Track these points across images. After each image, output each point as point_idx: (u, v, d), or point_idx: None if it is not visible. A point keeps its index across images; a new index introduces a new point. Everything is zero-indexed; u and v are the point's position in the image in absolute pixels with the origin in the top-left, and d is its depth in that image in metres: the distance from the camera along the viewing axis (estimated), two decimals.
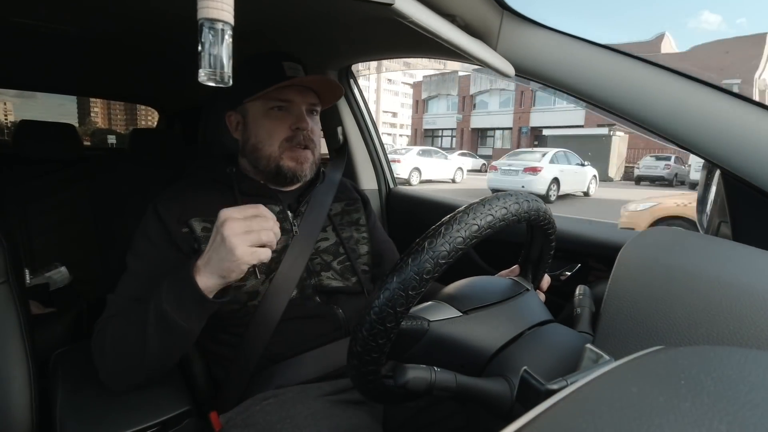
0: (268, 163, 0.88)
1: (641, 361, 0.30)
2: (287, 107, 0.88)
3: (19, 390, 0.80)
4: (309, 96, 0.91)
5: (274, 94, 0.86)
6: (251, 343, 0.82)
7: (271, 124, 0.88)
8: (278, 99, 0.87)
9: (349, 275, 0.94)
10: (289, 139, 0.88)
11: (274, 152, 0.88)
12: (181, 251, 0.81)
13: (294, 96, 0.88)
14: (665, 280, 0.51)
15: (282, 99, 0.87)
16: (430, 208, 1.53)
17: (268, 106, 0.87)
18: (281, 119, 0.88)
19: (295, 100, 0.88)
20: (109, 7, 1.05)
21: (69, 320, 1.49)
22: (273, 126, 0.87)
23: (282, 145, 0.88)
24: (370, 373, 0.50)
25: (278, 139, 0.87)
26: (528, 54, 0.83)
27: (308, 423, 0.73)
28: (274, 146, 0.88)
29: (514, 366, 0.49)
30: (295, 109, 0.88)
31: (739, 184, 0.69)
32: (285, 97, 0.87)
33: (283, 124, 0.88)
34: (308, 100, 0.90)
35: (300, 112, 0.89)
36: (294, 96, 0.88)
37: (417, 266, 0.44)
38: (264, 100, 0.87)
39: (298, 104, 0.89)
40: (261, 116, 0.88)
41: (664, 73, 0.73)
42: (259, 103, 0.88)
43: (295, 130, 0.88)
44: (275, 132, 0.87)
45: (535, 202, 0.53)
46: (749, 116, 0.67)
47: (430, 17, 0.68)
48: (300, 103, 0.89)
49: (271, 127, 0.87)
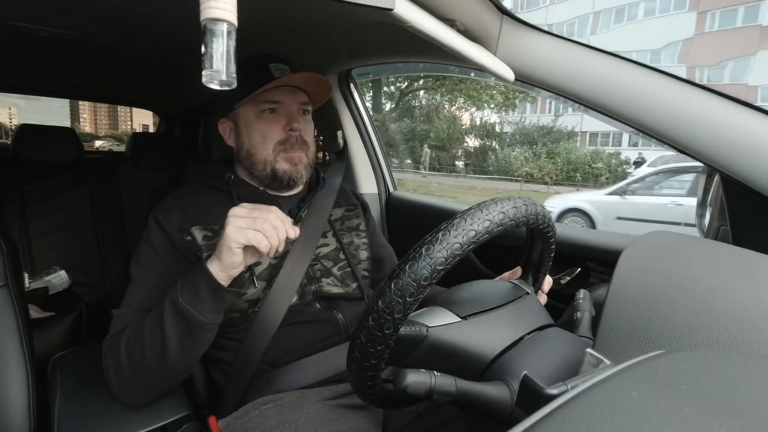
0: (264, 168, 0.88)
1: (641, 366, 0.30)
2: (278, 109, 0.88)
3: (17, 394, 0.79)
4: (299, 95, 0.91)
5: (264, 96, 0.86)
6: (250, 348, 0.82)
7: (263, 126, 0.87)
8: (268, 101, 0.87)
9: (349, 281, 0.94)
10: (282, 141, 0.88)
11: (269, 156, 0.88)
12: (185, 258, 0.81)
13: (284, 96, 0.88)
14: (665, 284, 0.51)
15: (272, 101, 0.87)
16: (429, 212, 1.53)
17: (259, 109, 0.87)
18: (273, 121, 0.88)
19: (285, 101, 0.88)
20: (110, 11, 1.05)
21: (68, 324, 1.48)
22: (265, 128, 0.87)
23: (276, 148, 0.88)
24: (370, 378, 0.50)
25: (272, 141, 0.87)
26: (527, 59, 0.83)
27: (307, 428, 0.72)
28: (268, 149, 0.88)
29: (514, 370, 0.49)
30: (286, 109, 0.89)
31: (739, 188, 0.69)
32: (275, 98, 0.87)
33: (276, 125, 0.88)
34: (298, 99, 0.90)
35: (291, 112, 0.89)
36: (284, 96, 0.88)
37: (414, 273, 0.44)
38: (254, 103, 0.87)
39: (289, 104, 0.89)
40: (253, 120, 0.88)
41: (664, 78, 0.73)
42: (249, 107, 0.88)
43: (288, 132, 0.88)
44: (268, 134, 0.87)
45: (533, 206, 0.53)
46: (749, 120, 0.67)
47: (430, 22, 0.68)
48: (290, 103, 0.89)
49: (263, 130, 0.87)
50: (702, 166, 0.77)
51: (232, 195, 0.88)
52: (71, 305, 1.55)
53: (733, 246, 0.65)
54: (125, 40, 1.31)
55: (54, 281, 1.62)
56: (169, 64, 1.62)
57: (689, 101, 0.71)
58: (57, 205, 1.79)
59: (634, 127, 0.76)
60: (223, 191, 0.90)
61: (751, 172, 0.67)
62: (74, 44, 1.34)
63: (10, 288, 0.82)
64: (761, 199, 0.67)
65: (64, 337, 1.45)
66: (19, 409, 0.79)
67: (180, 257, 0.80)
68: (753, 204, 0.68)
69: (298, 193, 0.97)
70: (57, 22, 1.15)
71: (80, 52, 1.47)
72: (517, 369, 0.48)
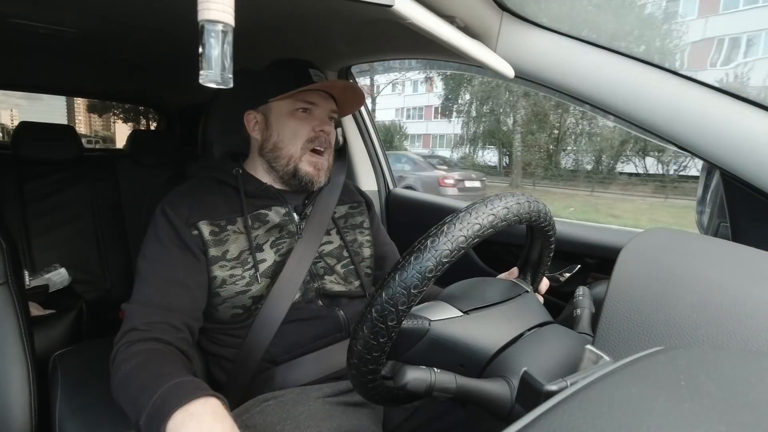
0: (287, 163, 0.90)
1: (641, 362, 0.30)
2: (312, 110, 0.91)
3: (18, 391, 0.80)
4: (331, 103, 0.94)
5: (301, 95, 0.89)
6: (252, 345, 0.82)
7: (295, 123, 0.90)
8: (304, 101, 0.90)
9: (352, 279, 0.94)
10: (311, 140, 0.90)
11: (296, 152, 0.90)
12: (191, 252, 0.81)
13: (319, 100, 0.91)
14: (665, 281, 0.51)
15: (308, 101, 0.90)
16: (429, 209, 1.54)
17: (294, 106, 0.90)
18: (305, 120, 0.90)
19: (320, 104, 0.92)
20: (108, 8, 1.05)
21: (68, 322, 1.49)
22: (297, 125, 0.90)
23: (304, 146, 0.90)
24: (370, 372, 0.50)
25: (301, 139, 0.90)
26: (528, 55, 0.83)
27: (308, 424, 0.73)
28: (297, 146, 0.90)
29: (514, 367, 0.49)
30: (318, 112, 0.92)
31: (739, 184, 0.69)
32: (311, 99, 0.90)
33: (307, 125, 0.90)
34: (330, 106, 0.94)
35: (323, 115, 0.92)
36: (319, 100, 0.91)
37: (419, 265, 0.44)
38: (290, 100, 0.89)
39: (322, 108, 0.92)
40: (286, 115, 0.90)
41: (664, 74, 0.73)
42: (285, 103, 0.90)
43: (318, 132, 0.90)
44: (299, 131, 0.90)
45: (536, 203, 0.53)
46: (748, 117, 0.67)
47: (430, 18, 0.68)
48: (323, 108, 0.92)
49: (295, 127, 0.90)
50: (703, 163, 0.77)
51: (240, 190, 0.88)
52: (71, 303, 1.56)
53: (732, 243, 0.65)
54: (124, 37, 1.31)
55: (54, 279, 1.63)
56: (169, 61, 1.61)
57: (689, 98, 0.71)
58: (57, 203, 1.79)
59: (634, 124, 0.76)
60: (230, 186, 0.90)
61: (751, 169, 0.67)
62: (72, 41, 1.33)
63: (11, 286, 0.83)
64: (761, 196, 0.67)
65: (64, 335, 1.46)
66: (21, 406, 0.79)
67: (186, 251, 0.80)
68: (753, 201, 0.68)
69: None
70: (55, 19, 1.14)
71: (78, 49, 1.47)
72: (517, 365, 0.48)
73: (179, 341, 0.74)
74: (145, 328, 0.72)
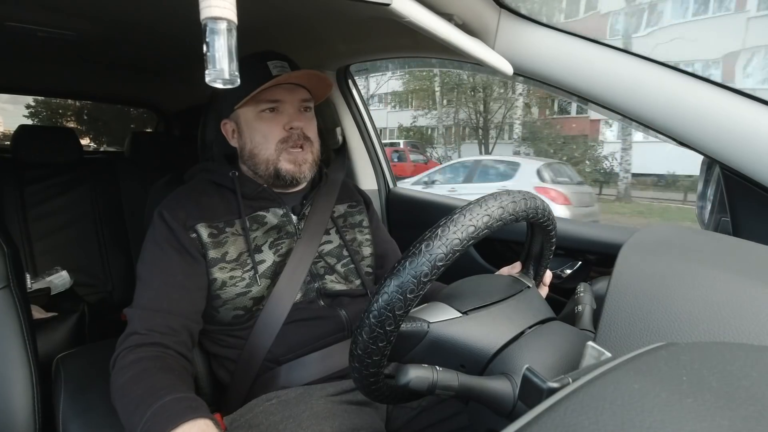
0: (267, 167, 0.88)
1: (643, 358, 0.30)
2: (278, 107, 0.87)
3: (22, 394, 0.80)
4: (299, 93, 0.89)
5: (263, 95, 0.84)
6: (254, 345, 0.82)
7: (264, 126, 0.86)
8: (268, 100, 0.86)
9: (352, 278, 0.94)
10: (284, 140, 0.87)
11: (272, 155, 0.87)
12: (190, 255, 0.81)
13: (284, 95, 0.86)
14: (666, 276, 0.51)
15: (272, 100, 0.86)
16: (430, 208, 1.53)
17: (259, 108, 0.86)
18: (274, 120, 0.87)
19: (286, 99, 0.87)
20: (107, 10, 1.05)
21: (71, 324, 1.49)
22: (266, 128, 0.86)
23: (278, 147, 0.87)
24: (372, 374, 0.50)
25: (273, 141, 0.86)
26: (526, 52, 0.83)
27: (311, 423, 0.73)
28: (270, 149, 0.87)
29: (516, 364, 0.49)
30: (286, 108, 0.87)
31: (739, 179, 0.69)
32: (274, 97, 0.86)
33: (277, 125, 0.86)
34: (299, 96, 0.89)
35: (292, 110, 0.88)
36: (284, 95, 0.86)
37: (414, 269, 0.44)
38: (254, 103, 0.85)
39: (289, 103, 0.87)
40: (253, 120, 0.87)
41: (663, 70, 0.73)
42: (249, 107, 0.86)
43: (289, 130, 0.87)
44: (270, 134, 0.86)
45: (532, 200, 0.53)
46: (748, 112, 0.67)
47: (428, 16, 0.68)
48: (291, 102, 0.87)
49: (264, 130, 0.86)
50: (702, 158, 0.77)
51: (237, 192, 0.88)
52: (74, 305, 1.56)
53: (733, 237, 0.65)
54: (122, 40, 1.31)
55: (56, 282, 1.63)
56: (168, 63, 1.61)
57: (688, 93, 0.71)
58: (57, 206, 1.79)
59: (634, 120, 0.76)
60: (227, 188, 0.89)
61: (751, 164, 0.66)
62: (71, 43, 1.33)
63: (13, 289, 0.83)
64: (762, 191, 0.67)
65: (67, 338, 1.46)
66: (24, 409, 0.80)
67: (185, 254, 0.80)
68: (753, 195, 0.68)
69: (301, 189, 0.96)
70: (53, 22, 1.14)
71: (77, 52, 1.47)
72: (518, 363, 0.48)
73: (179, 345, 0.75)
74: (146, 333, 0.73)
